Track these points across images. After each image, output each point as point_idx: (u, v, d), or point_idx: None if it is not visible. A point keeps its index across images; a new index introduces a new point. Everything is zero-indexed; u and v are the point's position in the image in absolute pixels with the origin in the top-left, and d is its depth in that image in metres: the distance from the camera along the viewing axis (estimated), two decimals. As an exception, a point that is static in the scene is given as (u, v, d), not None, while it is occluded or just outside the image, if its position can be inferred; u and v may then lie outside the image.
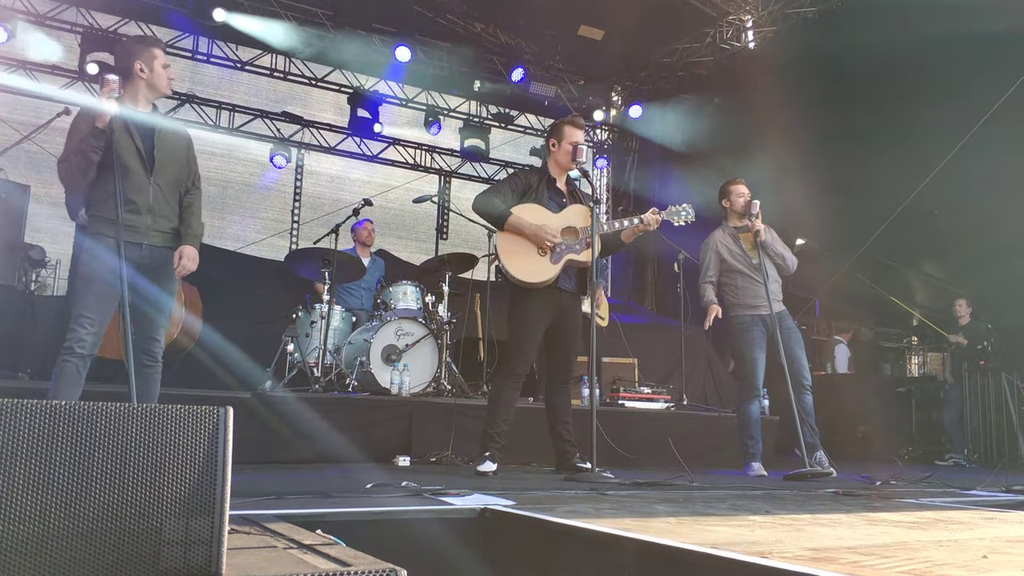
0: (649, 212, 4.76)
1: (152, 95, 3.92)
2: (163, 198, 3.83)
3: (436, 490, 3.17)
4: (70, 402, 1.49)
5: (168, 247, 3.86)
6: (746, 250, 5.65)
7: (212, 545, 1.52)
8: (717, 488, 4.06)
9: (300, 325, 6.68)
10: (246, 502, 2.58)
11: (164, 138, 3.88)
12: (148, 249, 3.78)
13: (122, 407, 1.51)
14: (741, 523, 2.52)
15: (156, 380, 3.83)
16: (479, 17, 10.68)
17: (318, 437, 5.08)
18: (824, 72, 8.82)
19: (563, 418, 4.76)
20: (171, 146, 3.90)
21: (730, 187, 5.79)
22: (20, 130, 8.41)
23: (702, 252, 5.81)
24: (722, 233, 5.78)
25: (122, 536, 1.45)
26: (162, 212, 3.82)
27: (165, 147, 3.87)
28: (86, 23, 9.67)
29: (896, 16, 7.84)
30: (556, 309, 4.66)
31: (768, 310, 5.38)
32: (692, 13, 10.08)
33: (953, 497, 4.07)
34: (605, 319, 7.54)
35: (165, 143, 3.87)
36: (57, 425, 1.45)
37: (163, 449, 1.52)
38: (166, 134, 3.89)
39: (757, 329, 5.55)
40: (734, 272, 5.65)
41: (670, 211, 4.89)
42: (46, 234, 8.61)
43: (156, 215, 3.79)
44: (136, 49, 3.90)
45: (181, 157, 3.95)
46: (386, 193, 11.29)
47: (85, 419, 1.48)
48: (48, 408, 1.46)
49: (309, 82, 11.17)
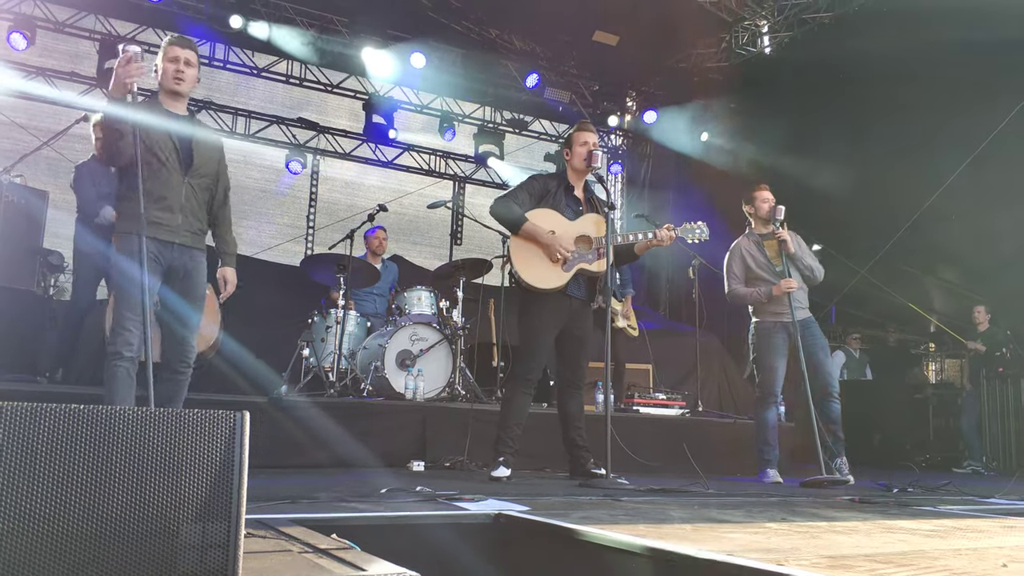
0: (664, 228, 4.74)
1: (168, 90, 3.81)
2: (195, 199, 3.82)
3: (450, 495, 3.17)
4: (89, 407, 1.50)
5: (197, 248, 3.85)
6: (770, 258, 5.59)
7: (228, 549, 1.53)
8: (732, 495, 4.04)
9: (315, 330, 6.70)
10: (262, 506, 2.59)
11: (201, 141, 3.87)
12: (179, 249, 3.76)
13: (141, 411, 1.52)
14: (757, 530, 2.51)
15: (185, 386, 3.83)
16: (493, 23, 10.71)
17: (333, 442, 5.09)
18: (840, 77, 8.79)
19: (576, 424, 4.76)
20: (207, 150, 3.89)
21: (754, 193, 5.72)
22: (39, 136, 8.50)
23: (727, 260, 5.73)
24: (746, 240, 5.71)
25: (140, 538, 1.46)
26: (193, 212, 3.81)
27: (202, 150, 3.86)
28: (104, 30, 9.76)
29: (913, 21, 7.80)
30: (566, 315, 4.67)
31: (791, 318, 5.34)
32: (707, 18, 10.06)
33: (972, 505, 4.04)
34: (636, 330, 7.54)
35: (202, 146, 3.86)
36: (77, 429, 1.46)
37: (180, 453, 1.53)
38: (202, 138, 3.89)
39: (779, 336, 5.50)
40: (758, 280, 5.58)
41: (685, 228, 4.86)
42: (64, 240, 8.63)
43: (187, 214, 3.78)
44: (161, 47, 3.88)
45: (214, 164, 3.94)
46: (400, 199, 11.32)
47: (104, 423, 1.49)
48: (68, 412, 1.47)
49: (325, 88, 11.23)
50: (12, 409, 1.43)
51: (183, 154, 3.76)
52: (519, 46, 11.10)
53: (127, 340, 3.53)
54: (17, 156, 7.38)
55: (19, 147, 8.44)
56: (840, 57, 8.98)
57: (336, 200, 11.49)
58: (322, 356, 6.53)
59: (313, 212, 11.32)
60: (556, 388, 5.10)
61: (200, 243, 3.88)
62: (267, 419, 4.95)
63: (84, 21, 9.70)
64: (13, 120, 9.23)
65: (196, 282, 3.84)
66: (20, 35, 8.93)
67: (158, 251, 3.66)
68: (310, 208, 11.33)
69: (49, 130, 8.50)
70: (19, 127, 9.18)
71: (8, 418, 1.42)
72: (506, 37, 10.98)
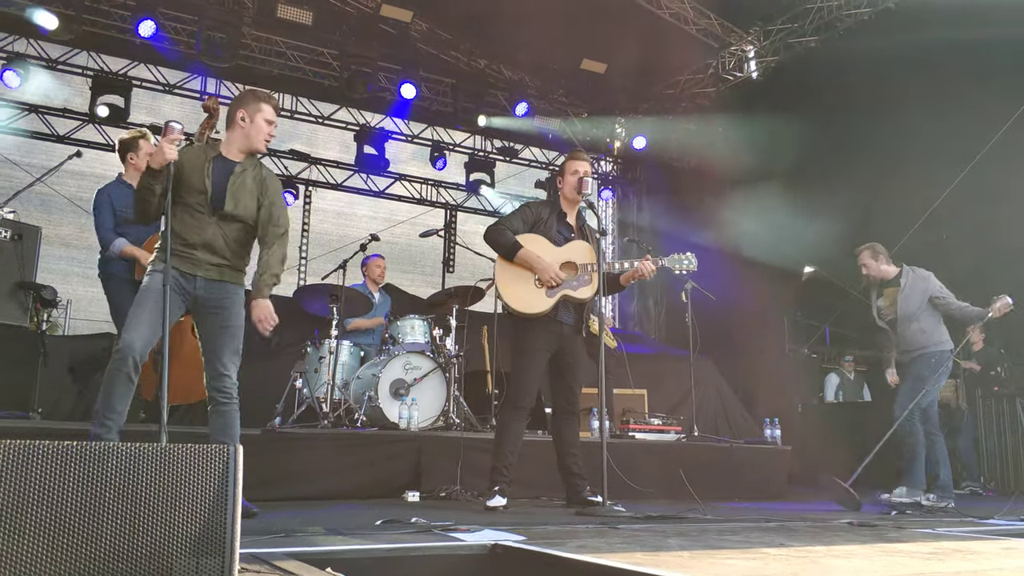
0: (645, 260, 4.71)
1: (246, 146, 3.92)
2: (225, 237, 3.84)
3: (446, 526, 3.16)
4: (81, 444, 1.50)
5: (228, 281, 3.88)
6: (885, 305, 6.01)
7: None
8: (730, 520, 4.02)
9: (309, 360, 6.68)
10: (256, 540, 2.57)
11: (243, 180, 3.87)
12: (204, 282, 3.79)
13: (133, 447, 1.52)
14: (755, 556, 2.50)
15: (234, 417, 3.82)
16: (482, 53, 10.82)
17: (327, 473, 5.07)
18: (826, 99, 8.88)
19: (571, 451, 4.73)
20: (246, 187, 3.88)
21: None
22: (32, 172, 8.52)
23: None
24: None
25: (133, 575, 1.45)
26: (219, 249, 3.83)
27: (239, 188, 3.85)
28: (96, 67, 9.81)
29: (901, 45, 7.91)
30: (557, 341, 4.68)
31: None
32: (694, 44, 10.18)
33: (970, 527, 4.02)
34: (613, 343, 7.54)
35: (242, 184, 3.86)
36: (69, 466, 1.46)
37: (174, 488, 1.52)
38: (247, 175, 3.89)
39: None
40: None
41: (672, 259, 4.84)
42: (58, 275, 8.69)
43: (212, 251, 3.80)
44: (246, 99, 3.97)
45: (254, 197, 3.91)
46: (392, 228, 11.35)
47: (96, 460, 1.48)
48: (60, 449, 1.46)
49: (316, 120, 11.29)
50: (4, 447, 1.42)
51: (213, 195, 3.79)
52: (508, 75, 11.20)
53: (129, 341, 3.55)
54: (10, 192, 7.39)
55: (12, 183, 8.47)
56: (827, 81, 9.09)
57: (328, 231, 11.51)
58: (315, 387, 6.50)
59: (305, 243, 11.33)
60: (551, 415, 5.09)
61: (232, 277, 3.90)
62: (261, 451, 4.92)
63: (77, 58, 9.75)
64: (7, 157, 9.26)
65: (231, 313, 3.86)
66: (13, 73, 8.98)
67: (182, 280, 3.74)
68: (302, 239, 11.34)
69: (42, 166, 8.51)
70: (11, 163, 9.20)
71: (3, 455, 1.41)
72: (495, 67, 11.08)
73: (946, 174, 7.51)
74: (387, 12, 9.73)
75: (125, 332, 3.61)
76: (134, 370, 3.57)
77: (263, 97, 4.00)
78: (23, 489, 1.42)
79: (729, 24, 10.17)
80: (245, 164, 3.93)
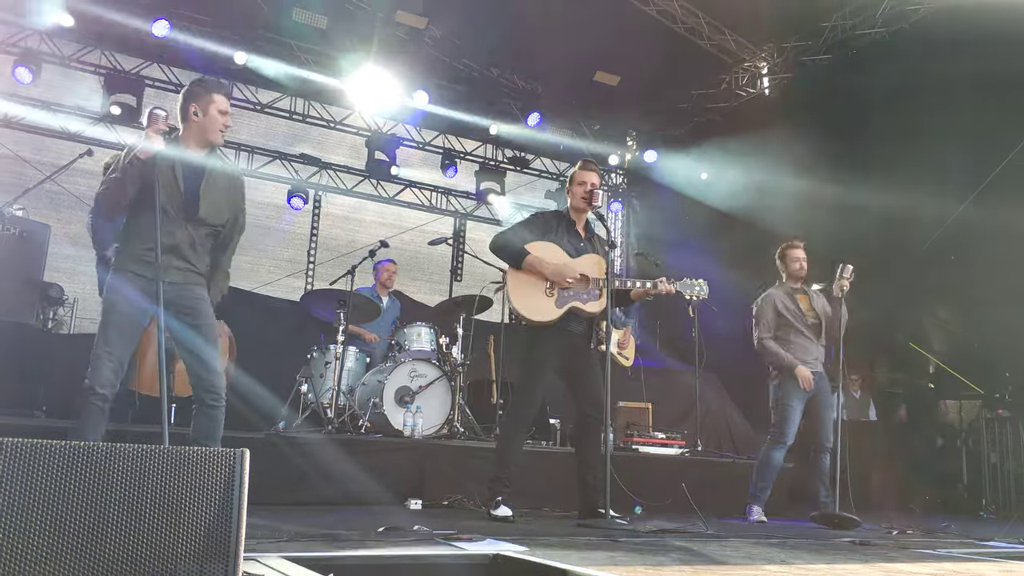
0: (662, 280, 4.73)
1: (203, 140, 3.80)
2: (194, 241, 3.77)
3: (448, 534, 3.15)
4: (87, 444, 1.50)
5: (193, 284, 3.80)
6: (804, 310, 5.86)
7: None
8: (732, 536, 4.01)
9: (314, 365, 6.69)
10: (258, 545, 2.57)
11: (214, 183, 3.79)
12: (171, 286, 3.67)
13: (140, 449, 1.52)
14: (756, 572, 2.49)
15: (220, 421, 3.77)
16: (495, 62, 10.84)
17: (330, 479, 5.07)
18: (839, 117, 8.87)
19: (591, 463, 4.63)
20: (219, 191, 3.81)
21: (787, 251, 5.99)
22: (43, 170, 8.56)
23: (759, 307, 5.94)
24: (779, 291, 5.94)
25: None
26: (185, 253, 3.74)
27: (212, 192, 3.78)
28: (110, 65, 9.85)
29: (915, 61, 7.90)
30: (566, 350, 4.67)
31: (819, 370, 5.72)
32: (708, 59, 10.20)
33: (971, 548, 4.00)
34: (630, 360, 7.51)
35: (214, 187, 3.79)
36: (74, 467, 1.46)
37: (179, 492, 1.52)
38: (217, 178, 3.80)
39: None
40: (789, 328, 5.82)
41: (684, 283, 4.85)
42: (65, 273, 8.71)
43: (178, 255, 3.72)
44: (196, 92, 3.80)
45: (227, 204, 3.86)
46: (401, 235, 11.36)
47: (102, 461, 1.48)
48: (65, 449, 1.46)
49: (327, 125, 11.32)
50: (12, 445, 1.42)
51: (186, 197, 3.71)
52: (521, 85, 11.22)
53: (100, 378, 3.50)
54: (20, 189, 7.43)
55: (22, 180, 8.50)
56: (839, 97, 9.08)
57: (336, 235, 11.52)
58: (320, 392, 6.50)
59: (314, 247, 11.34)
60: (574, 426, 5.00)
61: (196, 280, 3.82)
62: (264, 455, 4.92)
63: (90, 56, 9.79)
64: (17, 154, 9.28)
65: (200, 312, 3.78)
66: (25, 69, 9.01)
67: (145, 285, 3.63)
68: (311, 243, 11.35)
69: (52, 164, 8.55)
70: (23, 161, 9.23)
71: (7, 454, 1.41)
72: (508, 76, 11.10)
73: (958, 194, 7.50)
74: (402, 19, 9.76)
75: (91, 369, 3.53)
76: (107, 400, 3.54)
77: (213, 87, 3.86)
78: (27, 489, 1.42)
79: (743, 40, 10.18)
80: (211, 162, 3.82)
